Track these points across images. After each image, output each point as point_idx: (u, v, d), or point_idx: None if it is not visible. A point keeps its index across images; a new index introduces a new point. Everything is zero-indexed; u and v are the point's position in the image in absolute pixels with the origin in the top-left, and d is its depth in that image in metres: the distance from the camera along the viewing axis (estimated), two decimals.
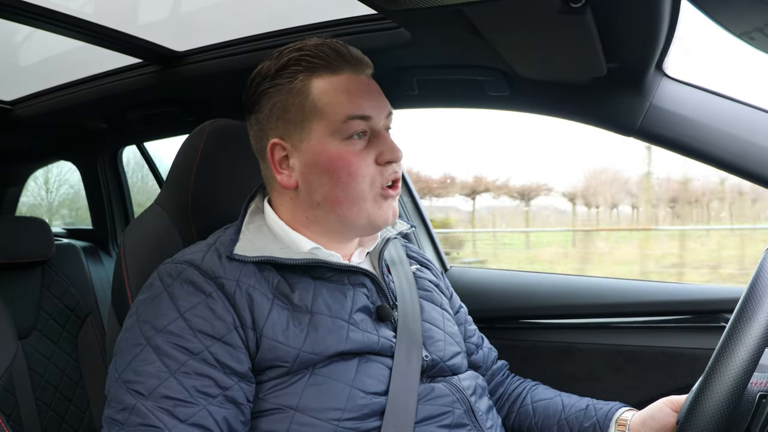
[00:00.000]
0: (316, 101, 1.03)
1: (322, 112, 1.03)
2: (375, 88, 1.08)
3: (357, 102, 1.03)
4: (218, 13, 1.64)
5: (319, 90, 1.03)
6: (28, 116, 2.13)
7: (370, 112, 1.03)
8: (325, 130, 1.03)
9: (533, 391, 1.31)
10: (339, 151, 1.02)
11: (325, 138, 1.03)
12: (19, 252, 2.04)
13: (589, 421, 1.18)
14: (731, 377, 0.81)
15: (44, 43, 1.70)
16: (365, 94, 1.05)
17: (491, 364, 1.33)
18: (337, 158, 1.02)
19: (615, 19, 1.03)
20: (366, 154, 1.03)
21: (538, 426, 1.24)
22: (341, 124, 1.02)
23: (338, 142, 1.02)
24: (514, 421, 1.28)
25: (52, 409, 2.00)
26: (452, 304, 1.32)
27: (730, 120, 1.24)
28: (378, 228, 1.09)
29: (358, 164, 1.02)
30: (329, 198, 1.04)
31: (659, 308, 1.50)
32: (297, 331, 0.95)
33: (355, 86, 1.04)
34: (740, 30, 0.79)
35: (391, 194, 1.06)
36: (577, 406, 1.22)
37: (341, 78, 1.04)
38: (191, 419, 0.86)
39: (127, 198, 2.61)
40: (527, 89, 1.40)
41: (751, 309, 0.83)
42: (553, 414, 1.23)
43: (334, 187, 1.03)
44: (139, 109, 1.93)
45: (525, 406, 1.28)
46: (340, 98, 1.03)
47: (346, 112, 1.02)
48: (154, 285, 0.97)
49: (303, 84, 1.04)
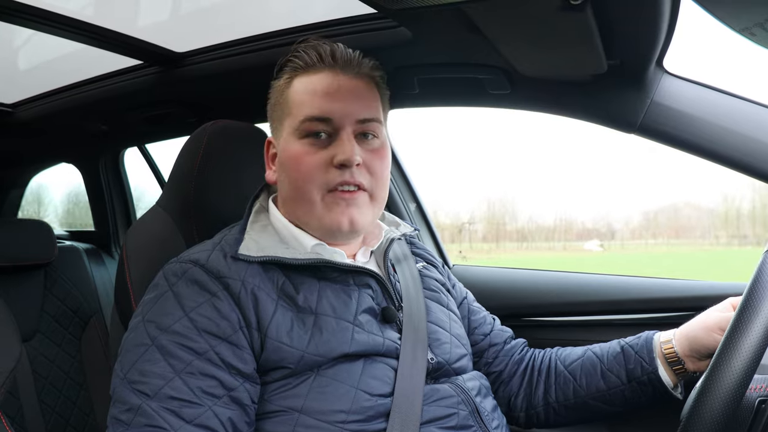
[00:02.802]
0: (289, 101, 1.08)
1: (290, 111, 1.07)
2: (352, 90, 1.07)
3: (317, 102, 1.04)
4: (218, 14, 1.64)
5: (294, 90, 1.08)
6: (30, 119, 2.14)
7: (330, 114, 1.04)
8: (290, 128, 1.06)
9: (561, 356, 1.27)
10: (296, 150, 1.05)
11: (289, 136, 1.06)
12: (21, 255, 2.04)
13: (632, 360, 1.17)
14: (729, 384, 0.80)
15: (45, 45, 1.70)
16: (333, 94, 1.05)
17: (505, 342, 1.32)
18: (293, 157, 1.05)
19: (615, 16, 1.03)
20: (320, 156, 1.03)
21: (583, 387, 1.21)
22: (300, 123, 1.05)
23: (297, 141, 1.05)
24: (556, 392, 1.23)
25: (56, 411, 2.00)
26: (457, 293, 1.32)
27: (732, 116, 1.23)
28: (332, 233, 1.06)
29: (308, 164, 1.03)
30: (288, 196, 1.07)
31: (662, 305, 1.50)
32: (301, 333, 0.95)
33: (323, 87, 1.05)
34: (740, 26, 0.79)
35: (342, 197, 1.03)
36: (612, 351, 1.21)
37: (316, 78, 1.07)
38: (197, 420, 0.86)
39: (128, 200, 2.62)
40: (528, 87, 1.40)
41: (748, 317, 0.83)
42: (593, 369, 1.21)
43: (290, 185, 1.06)
44: (140, 110, 1.94)
45: (561, 374, 1.24)
46: (304, 98, 1.06)
47: (306, 112, 1.04)
48: (160, 284, 0.97)
49: (286, 84, 1.09)
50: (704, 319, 1.13)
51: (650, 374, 1.14)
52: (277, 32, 1.54)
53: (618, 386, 1.18)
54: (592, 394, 1.20)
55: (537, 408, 1.25)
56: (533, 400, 1.25)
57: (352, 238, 1.11)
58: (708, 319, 1.12)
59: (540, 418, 1.26)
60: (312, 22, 1.50)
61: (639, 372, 1.16)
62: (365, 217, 1.06)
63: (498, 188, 13.48)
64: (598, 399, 1.20)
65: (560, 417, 1.24)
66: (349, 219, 1.04)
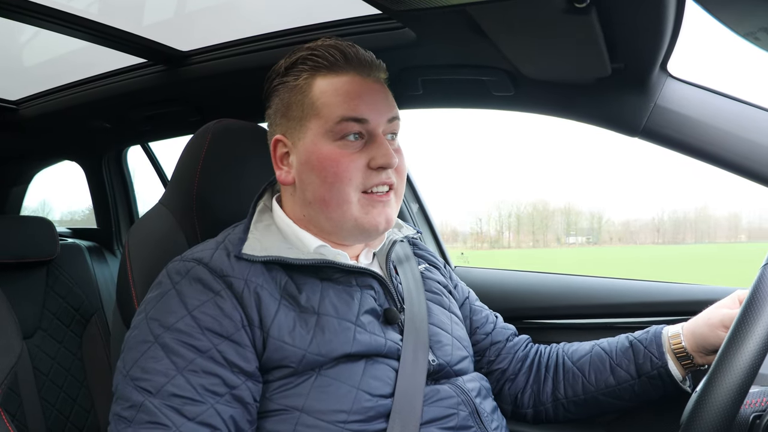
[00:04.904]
0: (314, 100, 1.05)
1: (319, 112, 1.04)
2: (379, 91, 1.08)
3: (353, 104, 1.03)
4: (223, 13, 1.64)
5: (320, 90, 1.05)
6: (33, 116, 2.14)
7: (366, 115, 1.03)
8: (320, 129, 1.04)
9: (568, 352, 1.27)
10: (330, 151, 1.03)
11: (319, 137, 1.04)
12: (24, 252, 2.05)
13: (642, 355, 1.17)
14: (723, 403, 0.80)
15: (49, 42, 1.70)
16: (364, 96, 1.05)
17: (507, 339, 1.32)
18: (327, 158, 1.03)
19: (620, 19, 1.03)
20: (357, 157, 1.03)
21: (593, 383, 1.21)
22: (334, 124, 1.03)
23: (331, 142, 1.03)
24: (565, 388, 1.23)
25: (57, 408, 2.00)
26: (459, 293, 1.32)
27: (735, 120, 1.23)
28: (367, 233, 1.07)
29: (346, 166, 1.02)
30: (318, 198, 1.05)
31: (663, 308, 1.50)
32: (303, 333, 0.95)
33: (354, 88, 1.05)
34: (745, 30, 0.79)
35: (380, 200, 1.05)
36: (620, 346, 1.21)
37: (343, 79, 1.05)
38: (199, 417, 0.86)
39: (131, 198, 2.62)
40: (532, 89, 1.40)
41: (742, 337, 0.83)
42: (602, 365, 1.21)
43: (321, 186, 1.04)
44: (144, 108, 1.94)
45: (570, 370, 1.24)
46: (336, 99, 1.04)
47: (341, 113, 1.03)
48: (163, 283, 0.97)
49: (306, 83, 1.06)
50: (709, 315, 1.13)
51: (660, 369, 1.15)
52: (282, 32, 1.55)
53: (628, 381, 1.18)
54: (601, 389, 1.20)
55: (546, 404, 1.25)
56: (541, 396, 1.25)
57: (379, 237, 1.13)
58: (713, 316, 1.12)
59: (549, 415, 1.26)
60: (316, 23, 1.50)
61: (649, 367, 1.16)
62: (395, 215, 1.09)
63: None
64: (608, 394, 1.20)
65: (569, 413, 1.24)
66: (385, 219, 1.05)
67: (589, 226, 40.43)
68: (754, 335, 0.82)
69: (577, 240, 39.36)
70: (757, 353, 0.81)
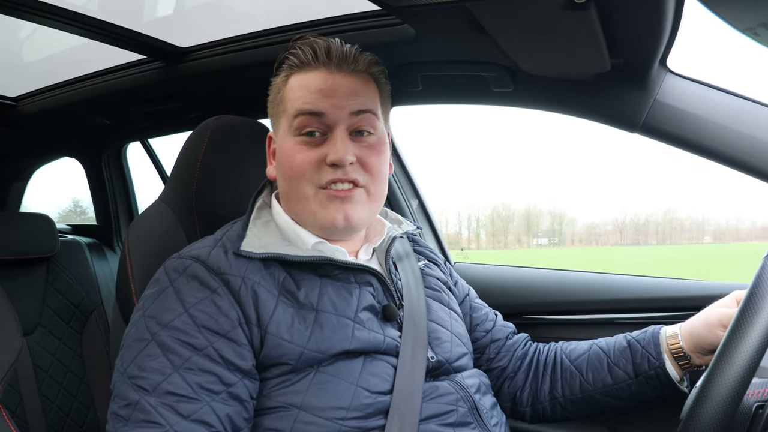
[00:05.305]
0: (284, 98, 1.08)
1: (286, 108, 1.07)
2: (345, 85, 1.06)
3: (309, 98, 1.04)
4: (222, 10, 1.64)
5: (290, 88, 1.08)
6: (32, 112, 2.14)
7: (322, 109, 1.03)
8: (285, 125, 1.07)
9: (566, 350, 1.27)
10: (290, 146, 1.05)
11: (285, 133, 1.07)
12: (23, 248, 2.05)
13: (639, 355, 1.17)
14: (726, 393, 0.80)
15: (48, 39, 1.70)
16: (325, 90, 1.04)
17: (507, 337, 1.32)
18: (286, 154, 1.05)
19: (619, 15, 1.03)
20: (313, 153, 1.03)
21: (590, 382, 1.21)
22: (293, 119, 1.05)
23: (292, 137, 1.06)
24: (563, 387, 1.24)
25: (57, 404, 2.01)
26: (458, 290, 1.32)
27: (735, 116, 1.23)
28: (326, 229, 1.06)
29: (300, 161, 1.03)
30: (283, 192, 1.09)
31: (664, 304, 1.50)
32: (302, 329, 0.95)
33: (316, 83, 1.05)
34: (744, 25, 0.79)
35: (336, 196, 1.03)
36: (618, 346, 1.21)
37: (311, 76, 1.06)
38: (194, 415, 0.86)
39: (131, 194, 2.62)
40: (531, 85, 1.40)
41: (745, 325, 0.83)
42: (600, 364, 1.21)
43: (285, 182, 1.07)
44: (143, 105, 1.94)
45: (567, 368, 1.24)
46: (298, 94, 1.06)
47: (297, 107, 1.05)
48: (161, 280, 0.97)
49: (282, 82, 1.10)
50: (707, 315, 1.13)
51: (657, 369, 1.15)
52: (281, 28, 1.54)
53: (625, 380, 1.18)
54: (599, 388, 1.20)
55: (543, 403, 1.25)
56: (539, 395, 1.26)
57: (349, 234, 1.10)
58: (711, 315, 1.12)
59: (546, 413, 1.26)
60: (315, 19, 1.50)
61: (646, 367, 1.16)
62: (362, 213, 1.06)
63: None
64: (606, 393, 1.20)
65: (567, 411, 1.25)
66: (344, 215, 1.04)
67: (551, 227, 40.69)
68: (757, 326, 0.82)
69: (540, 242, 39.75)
70: (760, 344, 0.81)
